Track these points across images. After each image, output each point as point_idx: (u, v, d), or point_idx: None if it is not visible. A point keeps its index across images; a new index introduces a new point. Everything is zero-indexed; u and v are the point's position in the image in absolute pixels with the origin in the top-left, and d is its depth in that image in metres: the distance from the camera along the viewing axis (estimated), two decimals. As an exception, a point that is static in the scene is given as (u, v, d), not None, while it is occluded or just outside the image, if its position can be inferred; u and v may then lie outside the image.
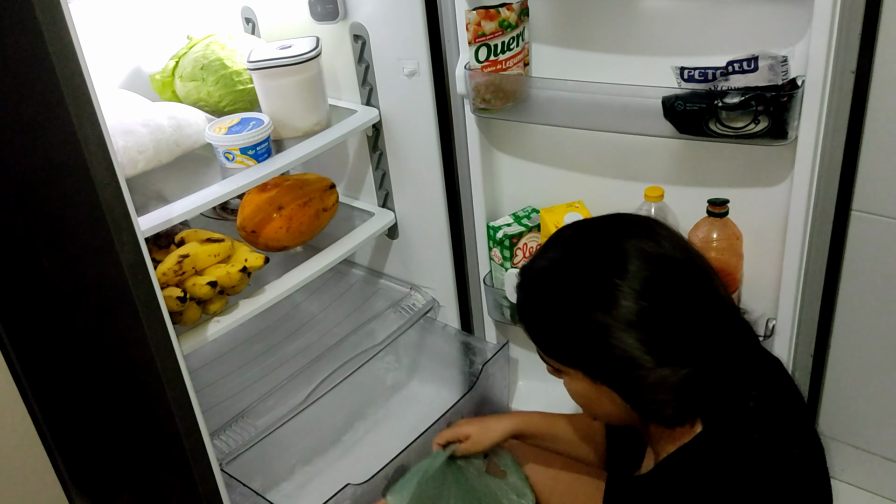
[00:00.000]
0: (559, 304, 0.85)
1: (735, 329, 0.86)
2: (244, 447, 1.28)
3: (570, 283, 0.84)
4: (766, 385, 0.88)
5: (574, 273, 0.84)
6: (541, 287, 0.87)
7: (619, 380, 0.84)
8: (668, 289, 0.81)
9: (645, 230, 0.85)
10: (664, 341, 0.80)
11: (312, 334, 1.56)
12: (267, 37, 1.53)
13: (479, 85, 1.25)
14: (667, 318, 0.80)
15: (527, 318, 0.90)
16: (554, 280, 0.86)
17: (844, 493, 1.39)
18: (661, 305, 0.80)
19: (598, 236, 0.87)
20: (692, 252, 0.86)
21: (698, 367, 0.81)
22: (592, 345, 0.83)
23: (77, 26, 0.83)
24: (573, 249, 0.86)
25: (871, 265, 1.19)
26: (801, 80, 1.04)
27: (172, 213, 1.11)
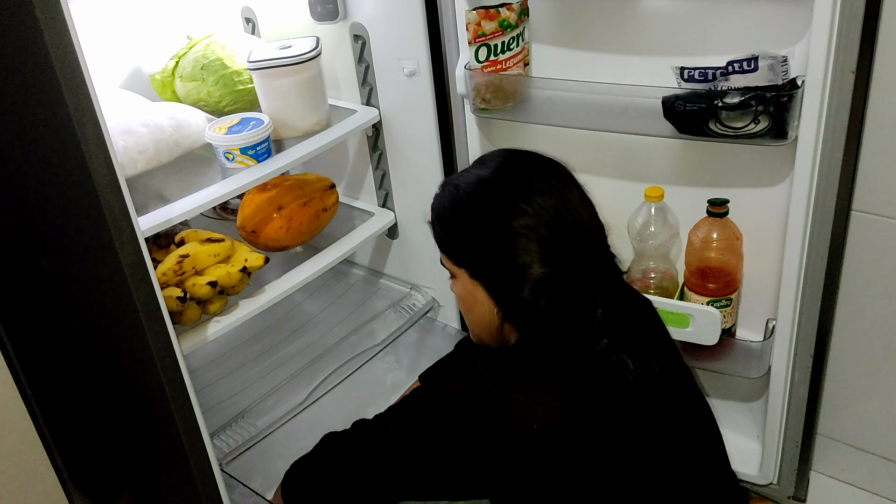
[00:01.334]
0: (469, 208, 0.98)
1: (596, 258, 0.97)
2: (244, 447, 1.28)
3: (485, 192, 0.97)
4: (619, 308, 0.98)
5: (491, 186, 0.97)
6: (459, 192, 0.99)
7: (492, 273, 0.97)
8: (554, 216, 0.94)
9: (551, 168, 1.00)
10: (538, 249, 0.93)
11: (312, 334, 1.56)
12: (267, 37, 1.53)
13: (479, 85, 1.25)
14: (546, 234, 0.94)
15: (439, 218, 1.03)
16: (472, 188, 0.98)
17: (844, 493, 1.39)
18: (545, 226, 0.94)
19: (516, 164, 1.01)
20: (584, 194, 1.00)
21: (557, 270, 0.93)
22: (481, 242, 0.96)
23: (77, 26, 0.83)
24: (495, 169, 1.00)
25: (871, 265, 1.19)
26: (801, 80, 1.04)
27: (172, 213, 1.10)
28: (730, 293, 1.25)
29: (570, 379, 0.90)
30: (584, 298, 0.94)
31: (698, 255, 1.24)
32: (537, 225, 0.93)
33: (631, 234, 1.29)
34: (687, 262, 1.27)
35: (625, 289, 1.06)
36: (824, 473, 1.41)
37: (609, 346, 0.92)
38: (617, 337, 0.93)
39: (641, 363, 0.93)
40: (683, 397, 1.00)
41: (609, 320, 0.94)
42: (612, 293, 0.98)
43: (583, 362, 0.91)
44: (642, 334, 1.00)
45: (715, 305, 1.23)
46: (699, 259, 1.24)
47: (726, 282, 1.23)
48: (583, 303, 0.94)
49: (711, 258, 1.23)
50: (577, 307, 0.94)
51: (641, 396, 0.91)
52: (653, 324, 1.05)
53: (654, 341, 1.02)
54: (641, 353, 0.94)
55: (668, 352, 1.02)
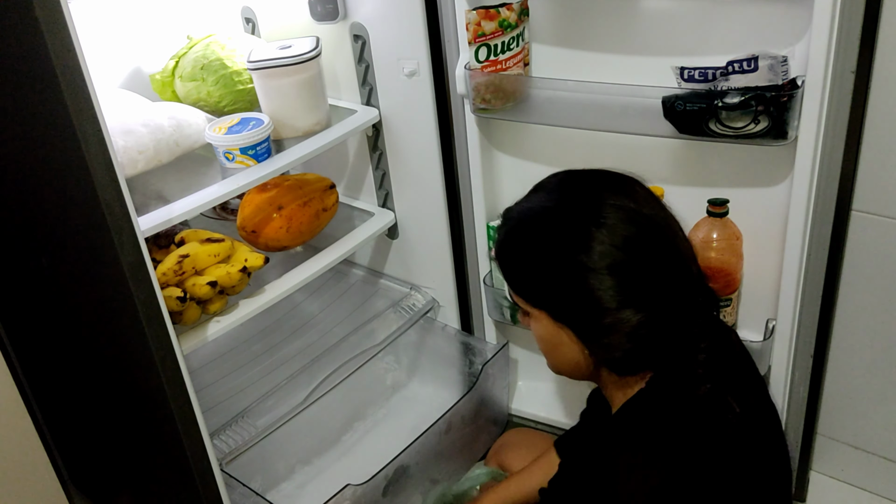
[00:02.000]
0: (535, 244, 0.90)
1: (693, 289, 0.91)
2: (244, 447, 1.28)
3: (549, 225, 0.89)
4: (716, 345, 0.92)
5: (554, 217, 0.89)
6: (520, 226, 0.92)
7: (579, 319, 0.89)
8: (636, 242, 0.86)
9: (624, 187, 0.90)
10: (628, 287, 0.85)
11: (312, 334, 1.56)
12: (267, 37, 1.53)
13: (479, 85, 1.25)
14: (633, 267, 0.86)
15: (503, 256, 0.95)
16: (534, 221, 0.91)
17: (844, 493, 1.39)
18: (630, 256, 0.85)
19: (581, 187, 0.92)
20: (666, 212, 0.91)
21: (655, 314, 0.86)
22: (559, 284, 0.88)
23: (77, 26, 0.83)
24: (557, 196, 0.92)
25: (871, 265, 1.19)
26: (801, 80, 1.04)
27: (172, 213, 1.10)
28: (730, 293, 1.25)
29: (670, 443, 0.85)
30: (686, 342, 0.88)
31: (698, 255, 1.23)
32: (616, 256, 0.84)
33: (631, 234, 1.29)
34: (687, 262, 1.26)
35: (717, 323, 0.98)
36: (824, 473, 1.41)
37: (713, 390, 0.87)
38: (720, 379, 0.88)
39: (743, 403, 0.88)
40: (771, 435, 0.95)
41: (711, 361, 0.88)
42: (711, 326, 0.92)
43: (685, 411, 0.86)
44: (739, 370, 0.95)
45: (715, 305, 1.23)
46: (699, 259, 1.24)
47: (726, 282, 1.23)
48: (685, 347, 0.88)
49: (711, 258, 1.23)
50: (679, 352, 0.87)
51: (744, 438, 0.88)
52: (741, 355, 0.99)
53: (747, 376, 0.97)
54: (742, 392, 0.89)
55: (758, 386, 0.97)
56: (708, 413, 0.86)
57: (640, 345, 0.86)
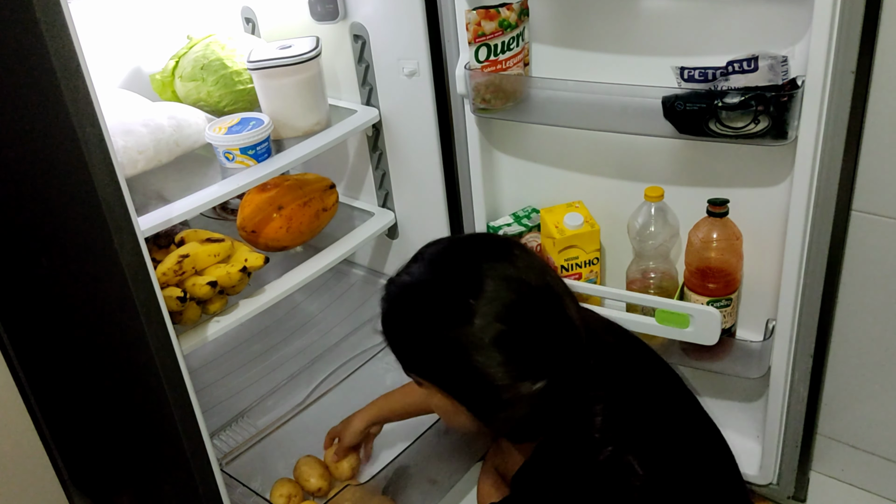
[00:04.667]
0: (416, 320, 0.87)
1: (583, 350, 0.88)
2: (244, 447, 1.28)
3: (427, 300, 0.86)
4: (617, 401, 0.89)
5: (432, 290, 0.86)
6: (400, 302, 0.90)
7: (471, 397, 0.86)
8: (519, 310, 0.83)
9: (503, 253, 0.88)
10: (518, 359, 0.82)
11: (312, 334, 1.56)
12: (267, 37, 1.53)
13: (479, 85, 1.25)
14: (519, 337, 0.82)
15: (387, 331, 0.92)
16: (412, 296, 0.88)
17: (844, 493, 1.39)
18: (513, 326, 0.82)
19: (457, 256, 0.90)
20: (547, 275, 0.89)
21: (551, 382, 0.83)
22: (446, 362, 0.85)
23: (77, 26, 0.83)
24: (433, 267, 0.89)
25: (871, 265, 1.19)
26: (801, 80, 1.04)
27: (172, 213, 1.11)
28: (730, 293, 1.25)
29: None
30: (580, 406, 0.86)
31: (698, 255, 1.24)
32: (499, 326, 0.81)
33: (631, 234, 1.29)
34: (687, 262, 1.27)
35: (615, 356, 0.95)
36: (824, 473, 1.41)
37: (613, 453, 0.84)
38: (620, 438, 0.85)
39: (649, 459, 0.86)
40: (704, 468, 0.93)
41: (610, 420, 0.86)
42: (610, 379, 0.90)
43: (585, 477, 0.85)
44: (648, 410, 0.92)
45: (715, 305, 1.23)
46: (699, 259, 1.24)
47: (726, 282, 1.23)
48: (579, 412, 0.86)
49: (711, 258, 1.23)
50: (573, 418, 0.86)
51: (651, 496, 0.85)
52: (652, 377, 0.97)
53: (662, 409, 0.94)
54: (648, 447, 0.87)
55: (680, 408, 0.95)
56: (608, 479, 0.84)
57: (535, 415, 0.85)
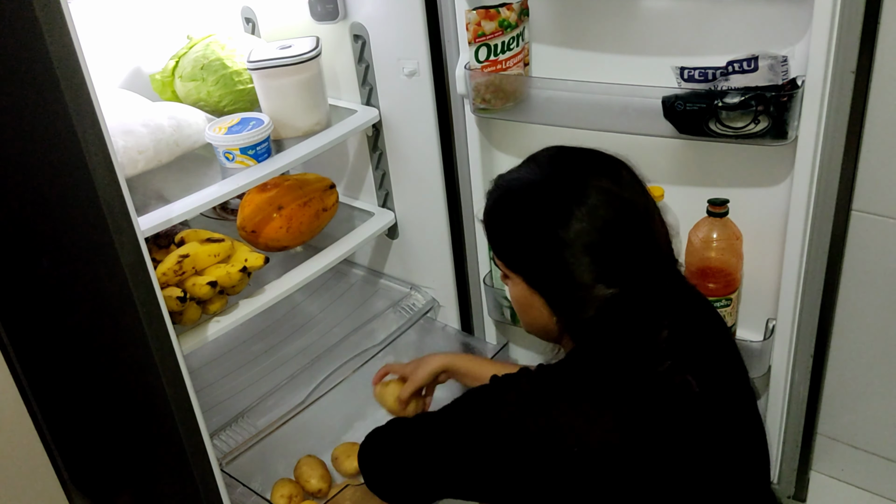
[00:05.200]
0: (519, 214, 0.93)
1: (664, 272, 0.93)
2: (244, 447, 1.28)
3: (533, 197, 0.92)
4: (685, 325, 0.94)
5: (540, 191, 0.92)
6: (507, 195, 0.95)
7: (552, 289, 0.92)
8: (614, 226, 0.89)
9: (612, 170, 0.94)
10: (602, 266, 0.88)
11: (312, 334, 1.56)
12: (267, 37, 1.53)
13: (479, 85, 1.25)
14: (608, 248, 0.88)
15: (489, 221, 0.97)
16: (520, 192, 0.94)
17: (844, 493, 1.39)
18: (606, 238, 0.88)
19: (570, 164, 0.95)
20: (647, 198, 0.94)
21: (625, 291, 0.88)
22: (537, 254, 0.91)
23: (77, 26, 0.83)
24: (546, 171, 0.95)
25: (871, 265, 1.19)
26: (801, 80, 1.04)
27: (172, 213, 1.11)
28: (730, 293, 1.25)
29: (616, 401, 0.87)
30: (650, 319, 0.90)
31: (698, 255, 1.24)
32: (593, 235, 0.87)
33: (631, 234, 1.29)
34: (687, 262, 1.27)
35: (691, 298, 1.02)
36: (824, 473, 1.41)
37: (672, 367, 0.88)
38: (682, 357, 0.90)
39: (706, 383, 0.90)
40: (741, 420, 0.97)
41: (675, 340, 0.90)
42: (679, 308, 0.95)
43: (639, 383, 0.88)
44: (709, 351, 0.96)
45: (715, 305, 1.23)
46: (699, 259, 1.24)
47: (726, 282, 1.23)
48: (648, 323, 0.90)
49: (711, 258, 1.23)
50: (642, 328, 0.90)
51: (702, 417, 0.89)
52: (720, 338, 1.01)
53: (720, 358, 0.98)
54: (706, 373, 0.91)
55: (734, 369, 0.99)
56: (663, 385, 0.89)
57: (606, 318, 0.89)
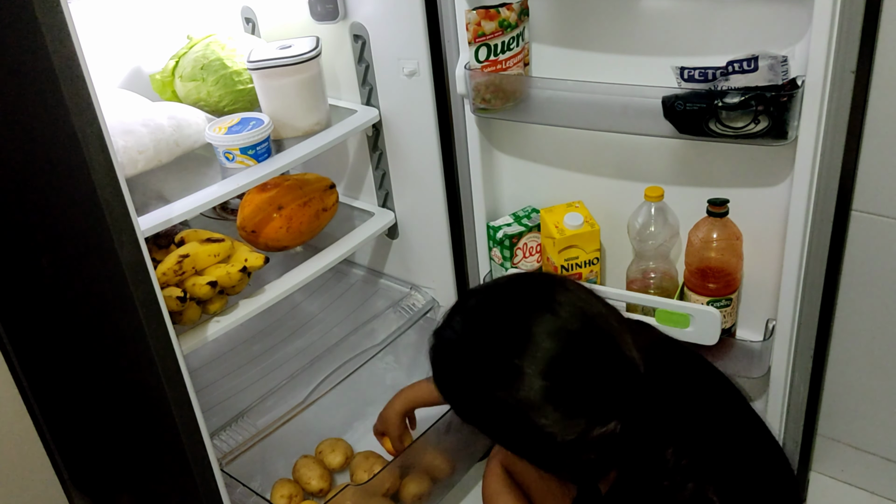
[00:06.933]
0: (464, 381, 0.84)
1: (640, 383, 0.83)
2: (244, 447, 1.28)
3: (472, 360, 0.83)
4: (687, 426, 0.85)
5: (475, 350, 0.83)
6: (446, 361, 0.87)
7: (533, 453, 0.84)
8: (566, 362, 0.79)
9: (544, 300, 0.83)
10: (575, 412, 0.79)
11: (312, 334, 1.56)
12: (267, 37, 1.53)
13: (479, 85, 1.25)
14: (570, 390, 0.79)
15: (440, 386, 0.89)
16: (457, 355, 0.85)
17: (844, 493, 1.39)
18: (562, 380, 0.79)
19: (497, 310, 0.85)
20: (596, 315, 0.83)
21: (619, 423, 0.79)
22: (503, 423, 0.82)
23: (77, 26, 0.83)
24: (474, 324, 0.85)
25: (871, 265, 1.19)
26: (801, 80, 1.04)
27: (172, 213, 1.10)
28: (730, 293, 1.25)
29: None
30: (650, 441, 0.81)
31: (698, 255, 1.24)
32: (543, 384, 0.77)
33: (631, 234, 1.29)
34: (687, 262, 1.27)
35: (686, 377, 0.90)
36: (824, 473, 1.41)
37: (696, 490, 0.81)
38: (698, 468, 0.81)
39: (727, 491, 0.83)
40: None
41: (684, 453, 0.81)
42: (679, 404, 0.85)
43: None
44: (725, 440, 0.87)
45: (715, 305, 1.23)
46: (699, 259, 1.24)
47: (726, 282, 1.24)
48: (651, 444, 0.81)
49: (711, 258, 1.23)
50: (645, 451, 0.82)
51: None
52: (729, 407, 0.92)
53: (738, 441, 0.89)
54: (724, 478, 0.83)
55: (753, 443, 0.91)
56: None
57: (604, 457, 0.81)
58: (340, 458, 1.47)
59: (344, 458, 1.48)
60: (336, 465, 1.47)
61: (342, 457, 1.48)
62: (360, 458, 1.48)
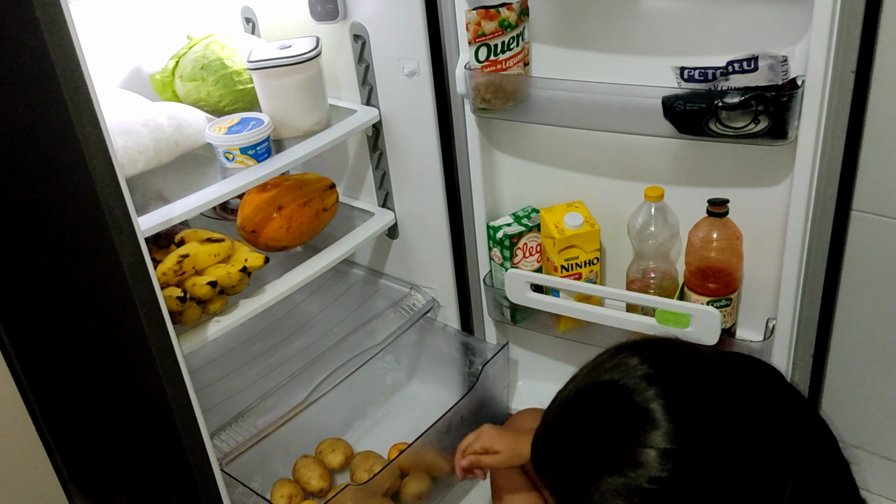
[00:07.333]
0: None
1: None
2: (244, 447, 1.28)
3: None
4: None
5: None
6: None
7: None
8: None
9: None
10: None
11: (312, 334, 1.56)
12: (267, 37, 1.53)
13: (479, 85, 1.25)
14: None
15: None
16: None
17: (844, 493, 1.39)
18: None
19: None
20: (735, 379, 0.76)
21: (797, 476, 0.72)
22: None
23: (77, 26, 0.83)
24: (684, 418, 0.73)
25: (871, 265, 1.19)
26: (801, 80, 1.04)
27: (172, 213, 1.11)
28: (730, 293, 1.25)
29: None
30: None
31: (698, 255, 1.24)
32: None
33: (631, 234, 1.29)
34: (687, 262, 1.27)
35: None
36: (824, 473, 1.41)
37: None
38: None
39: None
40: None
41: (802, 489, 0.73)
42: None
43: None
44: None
45: (715, 305, 1.23)
46: (699, 259, 1.24)
47: (726, 282, 1.24)
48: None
49: (711, 258, 1.23)
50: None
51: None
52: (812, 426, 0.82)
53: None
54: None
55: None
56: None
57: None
58: (340, 458, 1.47)
59: (344, 458, 1.48)
60: (336, 465, 1.47)
61: (342, 457, 1.48)
62: (360, 458, 1.48)
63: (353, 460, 1.49)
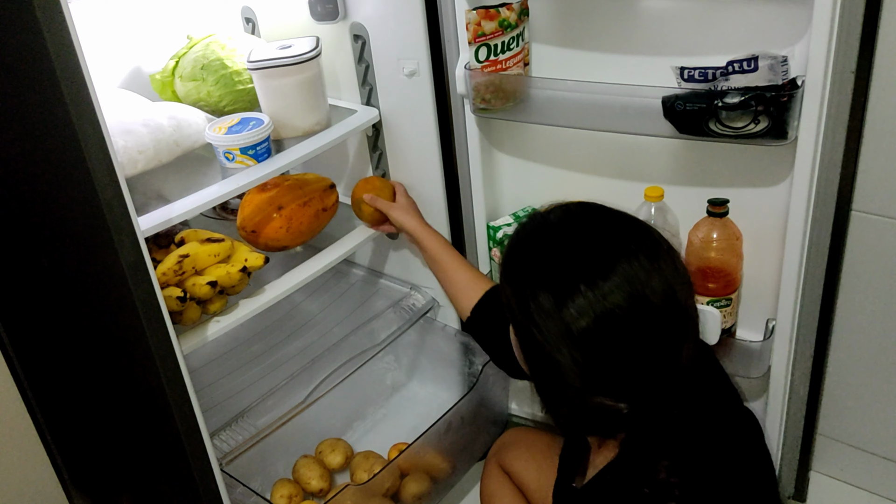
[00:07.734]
0: (526, 271, 0.81)
1: (670, 392, 0.80)
2: (244, 447, 1.28)
3: (545, 257, 0.79)
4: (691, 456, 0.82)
5: (554, 251, 0.79)
6: (524, 244, 0.84)
7: (535, 371, 0.81)
8: (626, 328, 0.75)
9: (649, 255, 0.79)
10: (592, 367, 0.76)
11: (312, 334, 1.56)
12: (267, 37, 1.53)
13: (479, 85, 1.25)
14: (607, 352, 0.75)
15: (505, 259, 0.86)
16: (537, 243, 0.83)
17: (844, 492, 1.39)
18: (609, 339, 0.75)
19: (602, 225, 0.82)
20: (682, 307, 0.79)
21: (631, 402, 0.77)
22: (530, 328, 0.78)
23: (77, 26, 0.83)
24: (573, 229, 0.81)
25: (871, 265, 1.19)
26: (801, 80, 1.04)
27: (172, 213, 1.11)
28: (730, 293, 1.25)
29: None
30: (646, 448, 0.79)
31: (698, 255, 1.24)
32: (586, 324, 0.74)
33: (631, 234, 1.29)
34: (687, 262, 1.27)
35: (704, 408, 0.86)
36: (824, 473, 1.41)
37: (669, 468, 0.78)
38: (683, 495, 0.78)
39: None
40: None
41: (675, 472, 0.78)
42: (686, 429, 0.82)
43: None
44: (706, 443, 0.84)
45: (715, 305, 1.23)
46: (699, 259, 1.24)
47: (726, 282, 1.24)
48: (643, 453, 0.79)
49: (711, 258, 1.23)
50: (637, 456, 0.80)
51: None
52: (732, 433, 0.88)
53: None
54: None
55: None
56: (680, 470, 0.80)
57: (598, 423, 0.80)
58: (340, 458, 1.47)
59: (344, 458, 1.48)
60: (336, 465, 1.47)
61: (342, 457, 1.48)
62: (360, 458, 1.48)
63: (353, 460, 1.49)
